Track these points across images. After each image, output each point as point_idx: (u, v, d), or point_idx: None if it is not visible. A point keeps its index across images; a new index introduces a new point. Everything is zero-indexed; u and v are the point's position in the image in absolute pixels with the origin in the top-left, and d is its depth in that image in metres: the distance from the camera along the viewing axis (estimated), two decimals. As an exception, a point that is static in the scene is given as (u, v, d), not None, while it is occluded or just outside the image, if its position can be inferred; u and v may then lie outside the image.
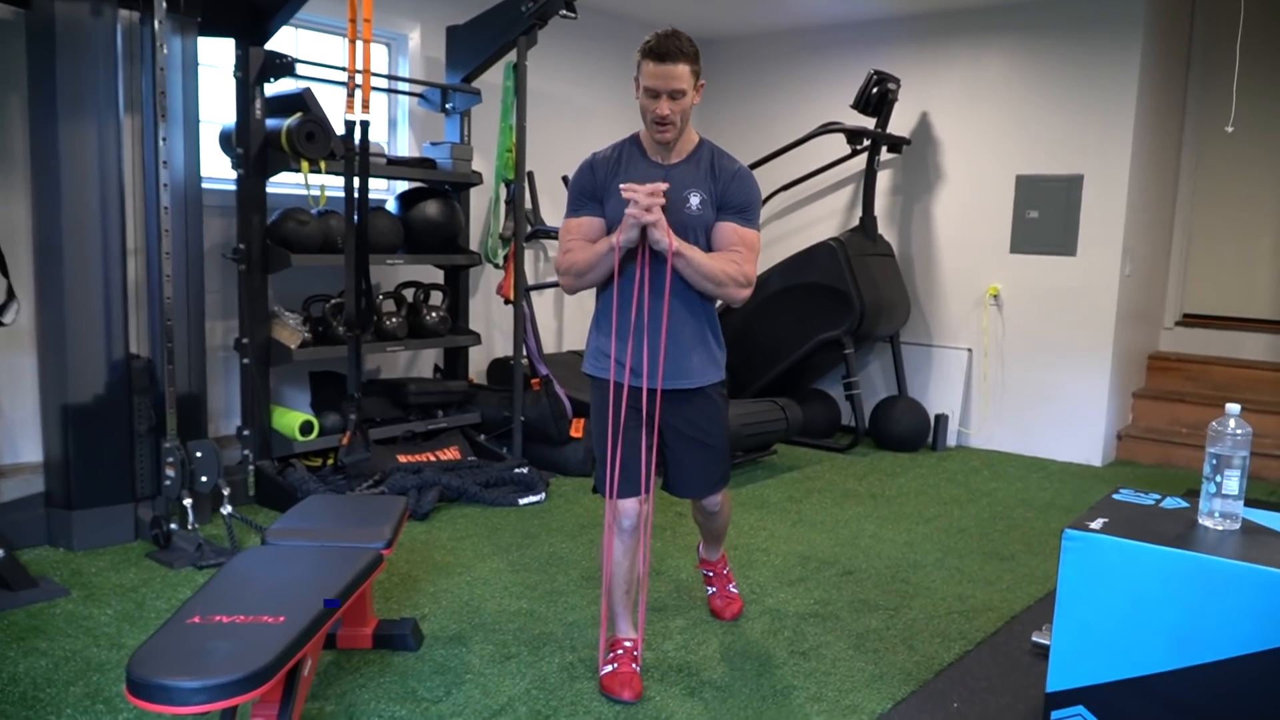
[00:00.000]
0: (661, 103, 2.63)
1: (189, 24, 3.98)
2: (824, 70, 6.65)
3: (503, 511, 4.53)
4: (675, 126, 2.68)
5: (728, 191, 2.76)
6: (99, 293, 3.82)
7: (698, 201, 2.73)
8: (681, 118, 2.68)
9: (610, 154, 2.83)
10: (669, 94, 2.62)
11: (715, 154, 2.81)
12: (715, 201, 2.76)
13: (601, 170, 2.80)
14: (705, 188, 2.75)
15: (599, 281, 2.78)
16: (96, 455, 3.87)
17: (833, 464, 5.70)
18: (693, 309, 2.80)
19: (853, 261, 5.88)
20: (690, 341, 2.81)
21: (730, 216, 2.76)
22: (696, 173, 2.76)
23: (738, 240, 2.74)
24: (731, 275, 2.69)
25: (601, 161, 2.81)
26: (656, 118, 2.66)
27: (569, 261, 2.77)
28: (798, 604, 3.51)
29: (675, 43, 2.61)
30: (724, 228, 2.76)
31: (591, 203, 2.80)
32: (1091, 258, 5.75)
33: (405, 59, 5.57)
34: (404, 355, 5.60)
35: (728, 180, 2.77)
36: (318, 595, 2.26)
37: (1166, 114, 6.07)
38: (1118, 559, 2.27)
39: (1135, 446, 6.00)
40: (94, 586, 3.46)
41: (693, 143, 2.80)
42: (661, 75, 2.61)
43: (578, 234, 2.79)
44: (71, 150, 3.72)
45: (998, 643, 3.22)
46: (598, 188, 2.79)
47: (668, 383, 2.80)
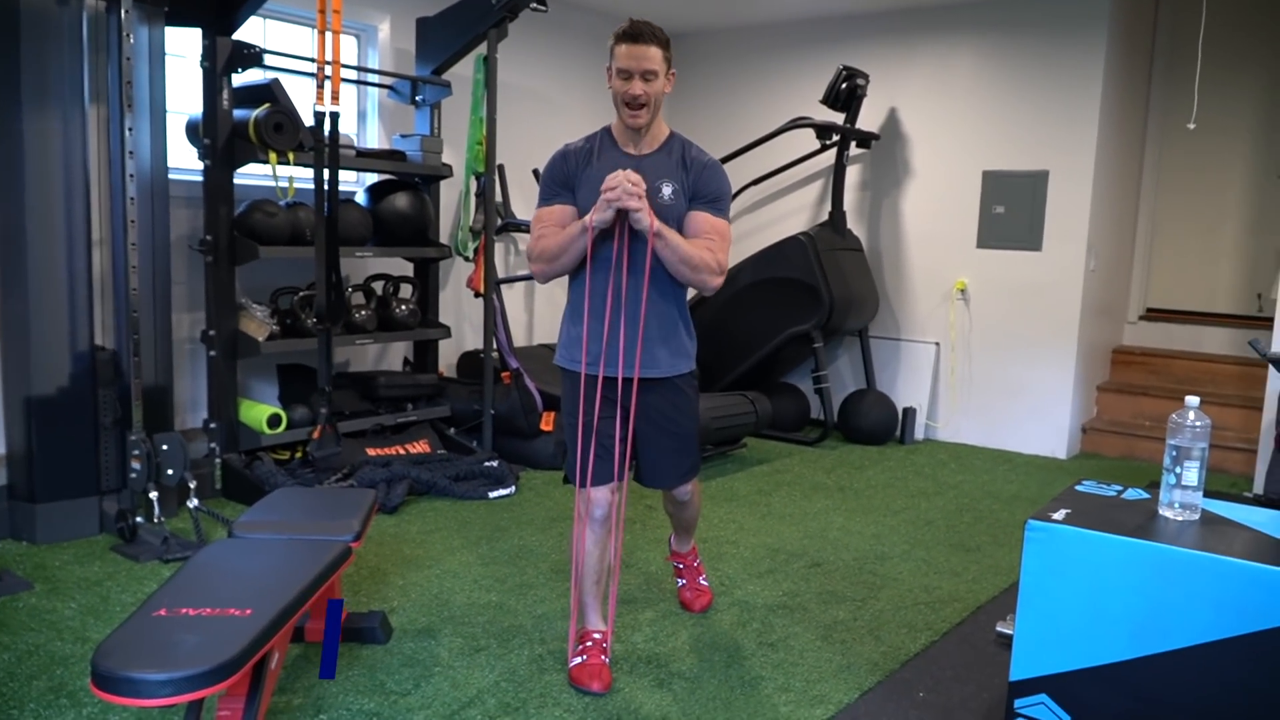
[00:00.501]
0: (634, 83, 2.67)
1: (156, 13, 3.94)
2: (794, 65, 6.67)
3: (472, 505, 4.52)
4: (648, 109, 2.71)
5: (699, 182, 2.78)
6: (64, 284, 3.79)
7: (670, 191, 2.75)
8: (654, 102, 2.71)
9: (582, 145, 2.84)
10: (641, 74, 2.67)
11: (686, 145, 2.84)
12: (687, 192, 2.78)
13: (574, 160, 2.81)
14: (677, 178, 2.77)
15: (571, 266, 2.77)
16: (61, 448, 3.83)
17: (802, 457, 5.73)
18: (665, 296, 2.81)
19: (822, 256, 5.92)
20: (662, 329, 2.82)
21: (702, 206, 2.78)
22: (668, 163, 2.78)
23: (710, 229, 2.76)
24: (707, 261, 2.71)
25: (574, 152, 2.83)
26: (629, 98, 2.69)
27: (541, 247, 2.77)
28: (766, 596, 3.53)
29: (647, 26, 2.69)
30: (697, 217, 2.78)
31: (564, 191, 2.81)
32: (1056, 253, 5.82)
33: (375, 50, 5.54)
34: (373, 348, 5.57)
35: (699, 171, 2.79)
36: (285, 588, 2.25)
37: (1130, 111, 6.15)
38: (1079, 549, 2.30)
39: (1100, 439, 6.09)
40: (58, 580, 3.43)
41: (664, 134, 2.83)
42: (635, 56, 2.66)
43: (550, 221, 2.79)
44: (36, 140, 3.67)
45: (963, 633, 3.26)
46: (570, 176, 2.80)
47: (643, 373, 2.81)
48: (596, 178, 2.72)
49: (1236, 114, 6.21)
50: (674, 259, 2.69)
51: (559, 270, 2.79)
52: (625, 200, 2.58)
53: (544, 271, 2.80)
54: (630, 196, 2.58)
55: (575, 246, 2.71)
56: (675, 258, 2.68)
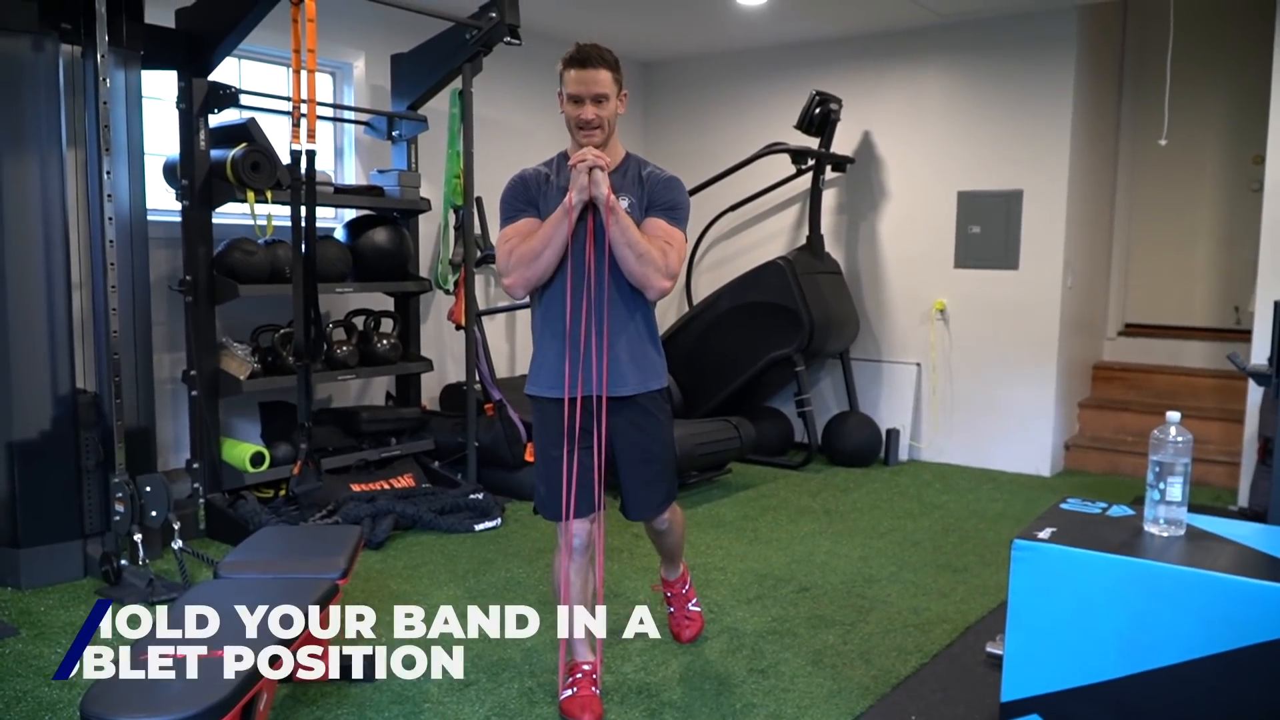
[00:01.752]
0: (586, 108, 2.70)
1: (132, 57, 3.95)
2: (767, 92, 6.74)
3: (459, 538, 4.50)
4: (602, 130, 2.73)
5: (654, 193, 2.81)
6: (44, 327, 3.77)
7: (626, 205, 2.76)
8: (607, 124, 2.73)
9: (540, 169, 2.86)
10: (592, 99, 2.69)
11: (642, 164, 2.87)
12: (643, 205, 2.80)
13: (534, 182, 2.83)
14: (634, 193, 2.80)
15: (554, 261, 2.72)
16: (43, 491, 3.80)
17: (786, 481, 5.74)
18: (630, 308, 2.80)
19: (801, 279, 5.95)
20: (629, 344, 2.81)
21: (658, 213, 2.80)
22: (624, 180, 2.81)
23: (664, 233, 2.77)
24: (655, 257, 2.69)
25: (532, 176, 2.85)
26: (581, 122, 2.71)
27: (518, 255, 2.73)
28: (755, 622, 3.53)
29: (595, 49, 2.72)
30: (651, 222, 2.78)
31: (528, 207, 2.81)
32: (1034, 271, 5.87)
33: (350, 87, 5.57)
34: (355, 383, 5.56)
35: (654, 184, 2.82)
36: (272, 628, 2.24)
37: (1101, 129, 6.23)
38: (1066, 567, 2.32)
39: (1083, 456, 6.12)
40: (43, 625, 3.39)
41: (620, 155, 2.86)
42: (584, 80, 2.69)
43: (518, 234, 2.77)
44: (14, 185, 3.67)
45: (953, 654, 3.27)
46: (533, 196, 2.81)
47: (612, 391, 2.79)
48: (557, 194, 2.74)
49: (1207, 129, 6.31)
50: (622, 241, 2.66)
51: (542, 269, 2.73)
52: (591, 158, 2.60)
53: (524, 278, 2.74)
54: (599, 158, 2.61)
55: (558, 235, 2.69)
56: (624, 239, 2.66)
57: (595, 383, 2.76)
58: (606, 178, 2.65)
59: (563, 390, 2.76)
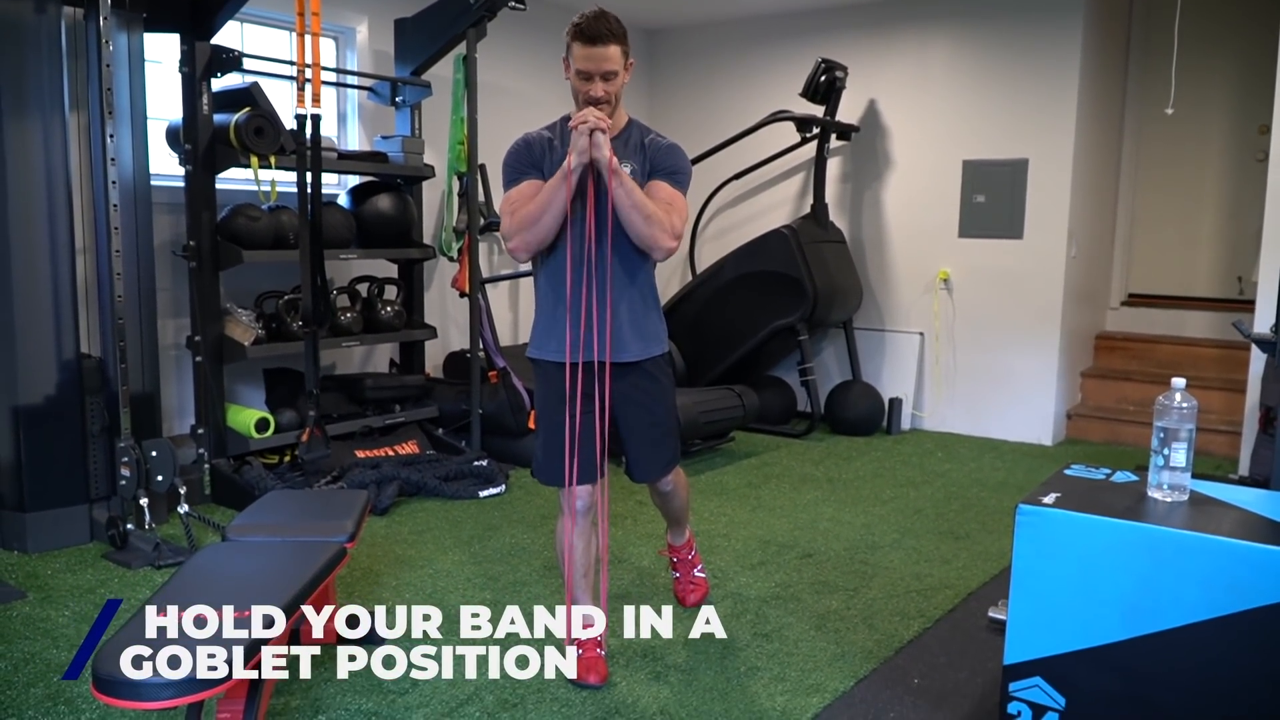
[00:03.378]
0: (595, 84, 2.67)
1: (134, 20, 3.93)
2: (772, 59, 6.69)
3: (463, 504, 4.52)
4: (610, 105, 2.71)
5: (656, 158, 2.81)
6: (48, 292, 3.77)
7: (629, 171, 2.75)
8: (615, 97, 2.72)
9: (543, 133, 2.84)
10: (601, 75, 2.66)
11: (645, 131, 2.86)
12: (645, 171, 2.80)
13: (538, 146, 2.81)
14: (637, 159, 2.80)
15: (554, 225, 2.71)
16: (49, 456, 3.82)
17: (790, 449, 5.76)
18: (632, 274, 2.80)
19: (805, 248, 5.94)
20: (630, 310, 2.81)
21: (661, 177, 2.79)
22: (627, 148, 2.80)
23: (667, 196, 2.77)
24: (661, 218, 2.68)
25: (536, 139, 2.83)
26: (590, 99, 2.68)
27: (520, 217, 2.71)
28: (759, 587, 3.55)
29: (604, 24, 2.65)
30: (653, 184, 2.78)
31: (532, 169, 2.79)
32: (1038, 241, 5.86)
33: (353, 52, 5.53)
34: (359, 350, 5.56)
35: (657, 150, 2.82)
36: (282, 590, 2.25)
37: (1107, 98, 6.19)
38: (1070, 532, 2.32)
39: (1084, 425, 6.13)
40: (51, 588, 3.42)
41: (623, 121, 2.85)
42: (593, 57, 2.65)
43: (521, 197, 2.76)
44: (16, 149, 3.66)
45: (955, 619, 3.29)
46: (536, 159, 2.79)
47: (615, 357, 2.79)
48: (561, 158, 2.73)
49: (1213, 98, 6.27)
50: (627, 204, 2.64)
51: (544, 232, 2.71)
52: (592, 120, 2.58)
53: (525, 241, 2.73)
54: (599, 120, 2.59)
55: (557, 199, 2.66)
56: (629, 202, 2.64)
57: (598, 348, 2.77)
58: (608, 140, 2.63)
59: (564, 354, 2.77)
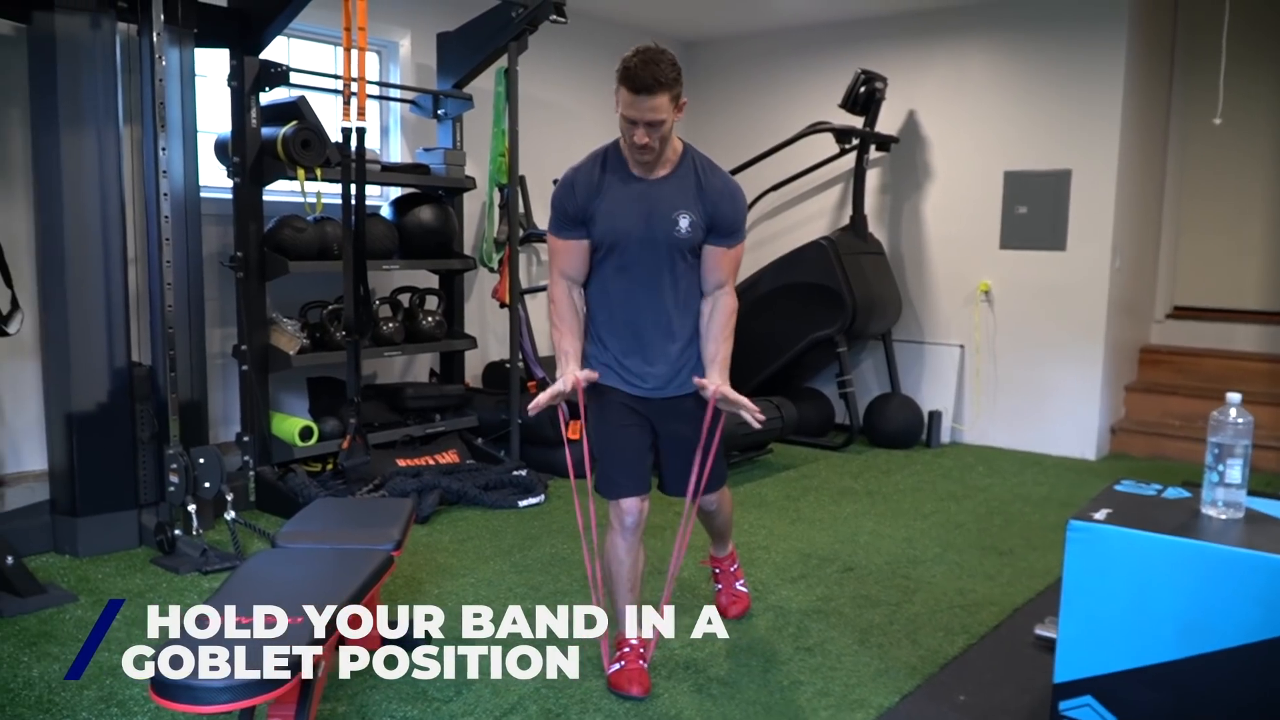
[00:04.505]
0: (639, 131, 2.60)
1: (185, 35, 4.00)
2: (811, 70, 6.69)
3: (503, 514, 4.55)
4: (654, 151, 2.66)
5: (717, 213, 2.77)
6: (100, 301, 3.84)
7: (687, 224, 2.73)
8: (661, 142, 2.65)
9: (590, 168, 2.78)
10: (645, 121, 2.59)
11: (700, 167, 2.78)
12: (705, 223, 2.76)
13: (583, 192, 2.76)
14: (694, 208, 2.74)
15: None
16: (100, 462, 3.88)
17: (828, 462, 5.73)
18: (685, 313, 2.86)
19: (844, 260, 5.92)
20: (685, 350, 2.87)
21: (720, 241, 2.80)
22: (683, 189, 2.74)
23: (727, 263, 2.83)
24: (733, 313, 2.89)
25: (583, 182, 2.76)
26: (635, 146, 2.64)
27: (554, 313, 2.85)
28: (800, 600, 3.54)
29: (653, 71, 2.54)
30: (714, 253, 2.80)
31: (575, 227, 2.78)
32: (1081, 252, 5.81)
33: (396, 66, 5.59)
34: (400, 360, 5.61)
35: (715, 200, 2.76)
36: (331, 597, 2.27)
37: (1153, 106, 6.13)
38: (1123, 549, 2.30)
39: (1128, 440, 6.06)
40: (101, 592, 3.47)
41: (677, 152, 2.77)
42: (638, 106, 2.56)
43: (565, 259, 2.82)
44: (72, 161, 3.73)
45: (1000, 636, 3.26)
46: (579, 211, 2.76)
47: (665, 392, 2.85)
48: (608, 209, 2.73)
49: (1261, 107, 6.18)
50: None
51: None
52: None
53: None
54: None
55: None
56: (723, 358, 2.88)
57: (654, 379, 2.84)
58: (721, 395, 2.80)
59: (621, 384, 2.84)
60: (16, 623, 3.17)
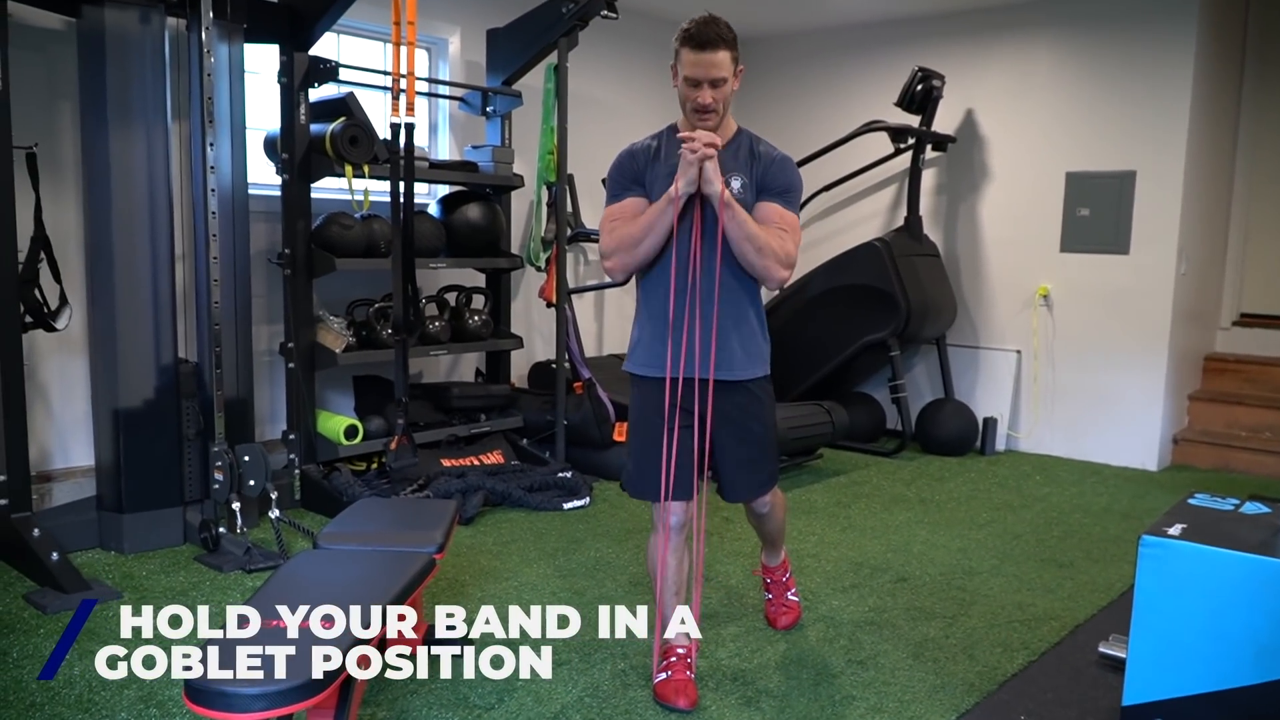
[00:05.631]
0: (703, 91, 2.60)
1: (235, 31, 3.98)
2: (867, 68, 6.57)
3: (547, 516, 4.49)
4: (717, 114, 2.64)
5: (768, 175, 2.72)
6: (148, 298, 3.83)
7: (739, 185, 2.69)
8: (723, 105, 2.64)
9: (649, 143, 2.79)
10: (710, 82, 2.59)
11: (755, 140, 2.78)
12: (756, 184, 2.72)
13: (641, 158, 2.76)
14: (746, 171, 2.71)
15: (655, 249, 2.67)
16: (146, 459, 3.87)
17: (879, 468, 5.61)
18: (740, 291, 2.73)
19: (898, 262, 5.80)
20: (738, 327, 2.74)
21: (771, 198, 2.72)
22: (737, 158, 2.72)
23: (779, 219, 2.69)
24: (773, 247, 2.62)
25: (641, 150, 2.78)
26: (698, 106, 2.62)
27: (618, 237, 2.68)
28: (852, 611, 3.43)
29: (715, 29, 2.57)
30: (765, 207, 2.70)
31: (635, 186, 2.75)
32: (1145, 256, 5.63)
33: (445, 63, 5.56)
34: (446, 359, 5.58)
35: (768, 164, 2.73)
36: (372, 600, 2.21)
37: (1222, 106, 5.93)
38: (1198, 566, 2.18)
39: (1192, 450, 5.86)
40: (145, 589, 3.46)
41: (732, 130, 2.77)
42: (702, 64, 2.57)
43: (622, 215, 2.72)
44: (121, 156, 3.73)
45: (1062, 653, 3.13)
46: (640, 172, 2.75)
47: (717, 374, 2.72)
48: (665, 175, 2.67)
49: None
50: (739, 235, 2.60)
51: (642, 256, 2.68)
52: (703, 150, 2.51)
53: (624, 263, 2.70)
54: (709, 149, 2.52)
55: (661, 223, 2.62)
56: (741, 234, 2.60)
57: (700, 364, 2.69)
58: (719, 172, 2.57)
59: (664, 370, 2.70)
60: (59, 619, 3.16)
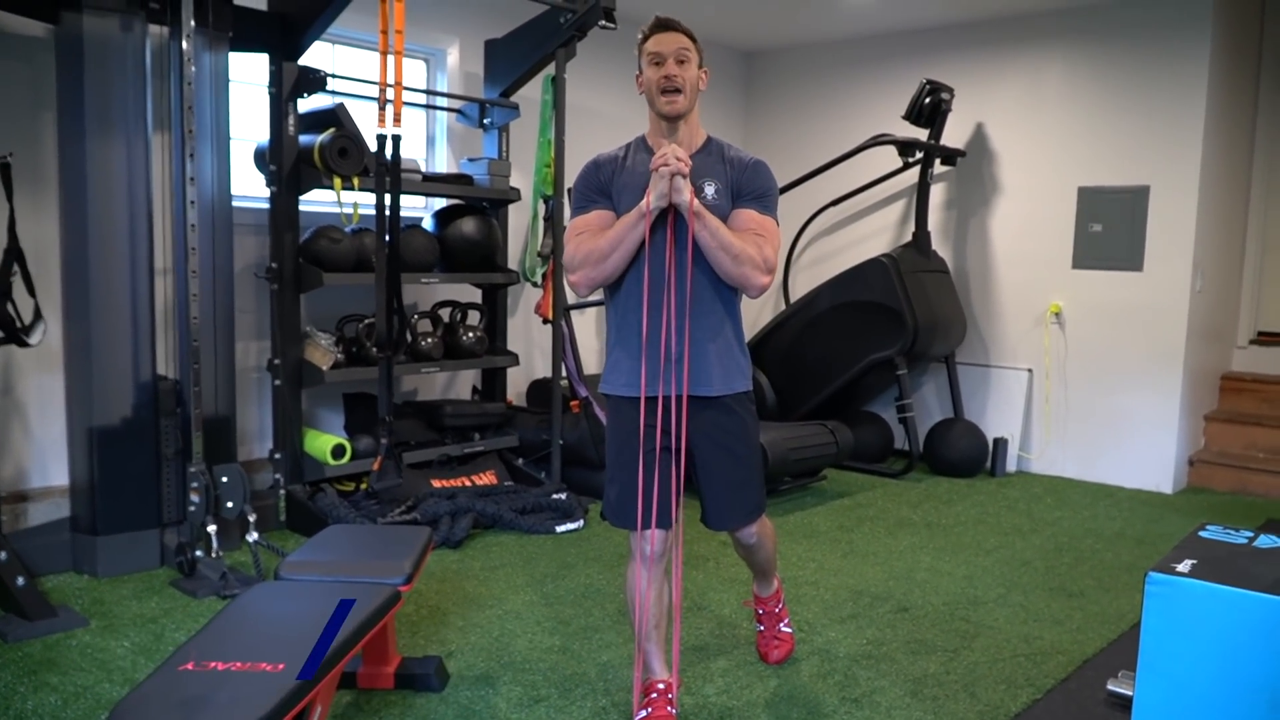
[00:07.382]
0: (668, 64, 2.54)
1: (219, 39, 3.89)
2: (874, 81, 6.44)
3: (539, 539, 4.35)
4: (684, 95, 2.55)
5: (743, 179, 2.62)
6: (126, 312, 3.73)
7: (713, 191, 2.58)
8: (689, 88, 2.56)
9: (616, 153, 2.70)
10: (674, 56, 2.53)
11: (727, 147, 2.69)
12: (731, 189, 2.61)
13: (607, 168, 2.66)
14: (721, 176, 2.61)
15: (623, 263, 2.55)
16: (122, 479, 3.76)
17: (885, 490, 5.45)
18: (716, 303, 2.60)
19: (905, 278, 5.65)
20: (714, 341, 2.61)
21: (748, 203, 2.61)
22: (709, 162, 2.63)
23: (757, 225, 2.58)
24: (751, 255, 2.51)
25: (607, 161, 2.68)
26: (664, 83, 2.54)
27: (586, 250, 2.56)
28: (849, 644, 3.28)
29: (673, 19, 2.60)
30: (742, 213, 2.60)
31: (601, 197, 2.64)
32: (1159, 273, 5.47)
33: (443, 74, 5.46)
34: (441, 376, 5.46)
35: (742, 170, 2.63)
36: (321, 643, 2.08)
37: (1237, 120, 5.77)
38: (1209, 606, 2.03)
39: (1208, 472, 5.68)
40: (114, 616, 3.33)
41: (702, 138, 2.68)
42: (664, 41, 2.55)
43: (589, 228, 2.60)
44: (99, 167, 3.63)
45: (1070, 690, 2.97)
46: (605, 184, 2.65)
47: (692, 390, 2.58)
48: (632, 183, 2.58)
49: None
50: (713, 244, 2.48)
51: (610, 270, 2.56)
52: (675, 164, 2.41)
53: (589, 277, 2.57)
54: (680, 164, 2.42)
55: (630, 237, 2.51)
56: (714, 243, 2.48)
57: (676, 382, 2.56)
58: (689, 184, 2.46)
59: (638, 389, 2.57)
60: (20, 648, 3.05)
